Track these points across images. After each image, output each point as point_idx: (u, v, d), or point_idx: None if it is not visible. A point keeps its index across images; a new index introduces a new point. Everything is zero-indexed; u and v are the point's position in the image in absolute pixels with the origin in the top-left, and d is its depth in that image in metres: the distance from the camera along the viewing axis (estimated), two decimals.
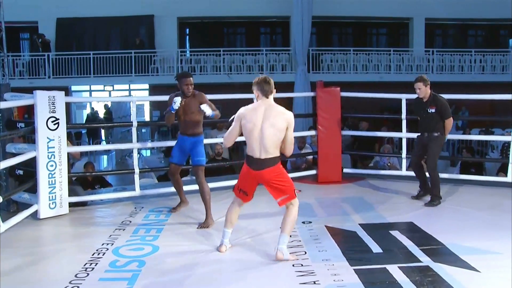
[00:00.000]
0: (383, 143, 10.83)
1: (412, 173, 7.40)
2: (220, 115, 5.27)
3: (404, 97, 7.09)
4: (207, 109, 5.16)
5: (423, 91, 5.96)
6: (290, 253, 4.05)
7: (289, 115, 3.97)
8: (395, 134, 8.87)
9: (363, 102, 10.88)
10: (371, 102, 12.88)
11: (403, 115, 7.15)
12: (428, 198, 6.07)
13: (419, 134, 6.25)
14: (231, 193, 6.49)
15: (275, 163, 3.96)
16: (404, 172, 7.37)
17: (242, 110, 4.03)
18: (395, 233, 4.72)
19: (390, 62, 18.42)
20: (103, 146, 13.50)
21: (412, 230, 4.89)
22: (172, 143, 6.33)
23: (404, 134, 7.32)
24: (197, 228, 5.06)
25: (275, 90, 4.05)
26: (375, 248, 4.33)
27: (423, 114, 6.03)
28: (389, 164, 8.52)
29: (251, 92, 6.85)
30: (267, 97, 3.98)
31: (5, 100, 5.82)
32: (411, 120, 7.05)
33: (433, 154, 6.00)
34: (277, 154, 3.97)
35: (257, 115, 3.92)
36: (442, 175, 6.34)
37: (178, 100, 5.13)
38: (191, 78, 5.25)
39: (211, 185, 6.68)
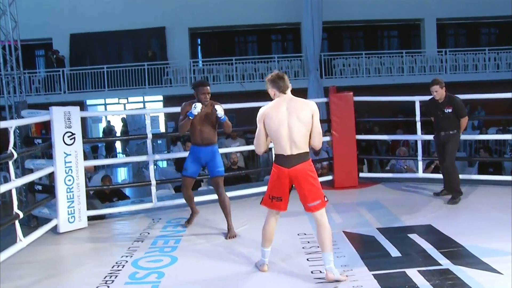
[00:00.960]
0: (398, 146, 10.78)
1: (429, 175, 7.41)
2: (230, 125, 5.17)
3: (417, 99, 7.05)
4: (220, 110, 5.00)
5: (440, 93, 6.13)
6: (340, 273, 3.76)
7: (313, 104, 3.78)
8: (411, 136, 8.83)
9: (377, 106, 10.85)
10: (385, 105, 12.82)
11: (418, 117, 7.11)
12: (449, 197, 6.15)
13: (434, 134, 6.36)
14: (248, 202, 6.62)
15: (306, 158, 3.74)
16: (420, 174, 7.32)
17: (262, 110, 3.80)
18: (414, 236, 4.69)
19: (403, 64, 18.32)
20: (119, 159, 13.61)
21: (431, 233, 4.85)
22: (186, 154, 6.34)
23: (420, 136, 7.27)
24: (226, 239, 5.03)
25: (290, 85, 3.85)
26: (394, 252, 4.30)
27: (440, 114, 6.17)
28: (405, 167, 8.47)
29: (265, 100, 6.91)
30: (285, 93, 3.79)
31: (22, 117, 5.92)
32: (425, 122, 7.01)
33: (451, 151, 6.13)
34: (307, 149, 3.77)
35: (280, 111, 3.71)
36: (460, 176, 6.29)
37: (199, 106, 4.96)
38: (208, 87, 5.11)
39: (228, 194, 6.72)
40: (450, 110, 6.09)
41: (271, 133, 3.75)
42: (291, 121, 3.68)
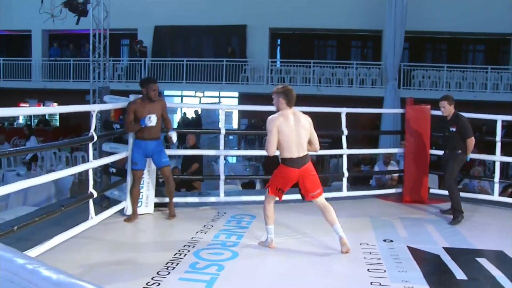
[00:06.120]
0: (473, 165, 10.33)
1: (505, 199, 7.06)
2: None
3: (499, 118, 6.73)
4: (174, 136, 5.66)
5: (447, 109, 6.09)
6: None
7: (308, 117, 4.63)
8: (488, 156, 8.41)
9: None
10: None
11: (498, 137, 6.78)
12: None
13: (443, 152, 6.42)
14: (287, 205, 6.53)
15: (309, 159, 4.61)
16: (496, 197, 6.97)
17: (274, 120, 4.49)
18: (482, 261, 4.48)
19: (487, 81, 17.50)
20: (189, 151, 13.85)
21: (502, 259, 4.61)
22: (257, 152, 6.39)
23: (498, 158, 6.94)
24: (167, 218, 5.66)
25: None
26: (459, 275, 4.13)
27: (446, 132, 6.18)
28: (479, 187, 8.11)
29: (341, 106, 6.87)
30: (291, 107, 4.54)
31: (105, 102, 6.20)
32: (505, 143, 6.67)
33: (451, 171, 6.06)
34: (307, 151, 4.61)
35: (290, 121, 4.50)
36: None
37: (154, 119, 5.34)
38: (157, 84, 5.55)
39: (288, 197, 6.73)
40: (454, 129, 6.02)
41: (284, 139, 4.47)
42: (298, 129, 4.51)
